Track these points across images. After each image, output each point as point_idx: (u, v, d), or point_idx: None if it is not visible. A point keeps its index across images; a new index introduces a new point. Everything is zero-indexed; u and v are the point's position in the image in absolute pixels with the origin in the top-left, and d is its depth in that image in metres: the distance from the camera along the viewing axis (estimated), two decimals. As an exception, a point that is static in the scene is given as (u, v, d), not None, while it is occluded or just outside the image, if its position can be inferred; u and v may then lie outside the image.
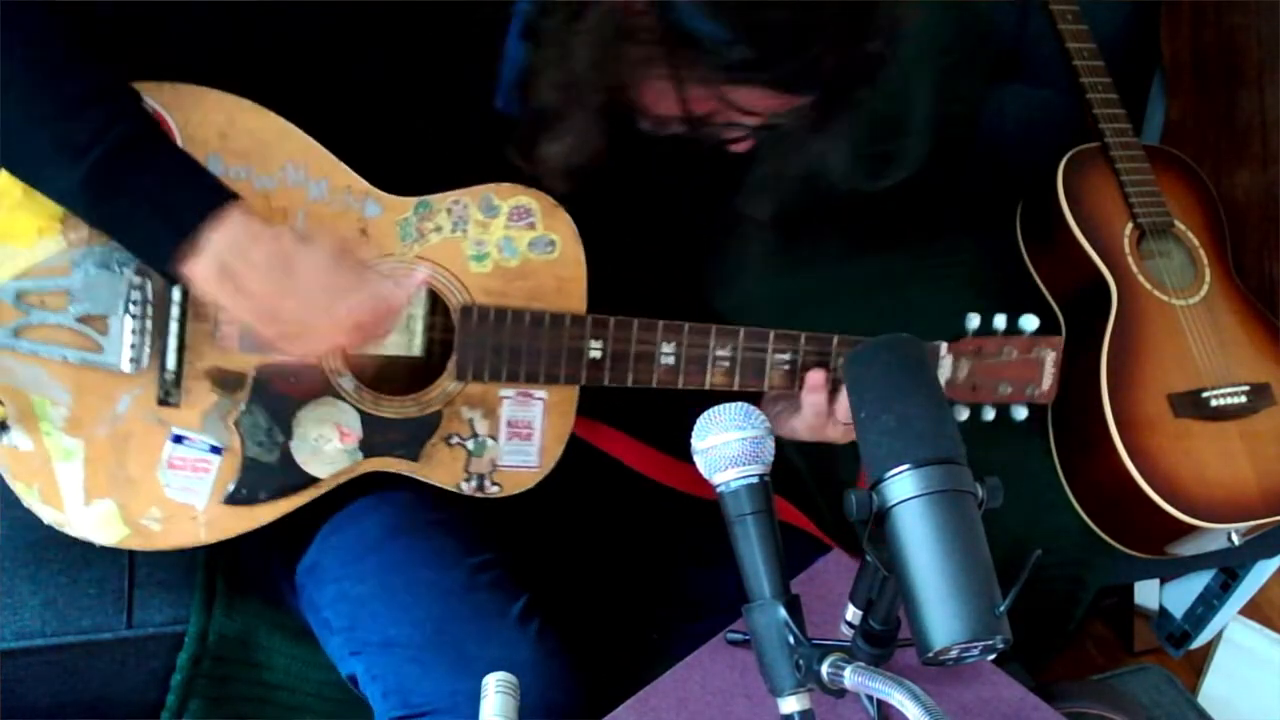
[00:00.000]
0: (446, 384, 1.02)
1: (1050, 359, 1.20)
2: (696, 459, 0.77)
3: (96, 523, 0.96)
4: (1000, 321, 1.16)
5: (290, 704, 1.15)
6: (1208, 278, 1.57)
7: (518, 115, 0.97)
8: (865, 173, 1.00)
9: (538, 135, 0.95)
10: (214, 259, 0.86)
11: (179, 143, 0.91)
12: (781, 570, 0.75)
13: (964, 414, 1.16)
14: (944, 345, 1.14)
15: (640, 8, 0.86)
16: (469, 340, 1.00)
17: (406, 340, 1.07)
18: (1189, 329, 1.52)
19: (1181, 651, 1.90)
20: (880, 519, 0.73)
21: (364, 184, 0.97)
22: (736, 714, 0.91)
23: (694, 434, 0.77)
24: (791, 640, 0.72)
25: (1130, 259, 1.53)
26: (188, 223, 0.85)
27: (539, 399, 1.05)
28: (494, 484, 1.06)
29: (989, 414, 1.18)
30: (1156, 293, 1.52)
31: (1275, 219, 1.68)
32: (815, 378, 1.07)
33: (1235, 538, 1.44)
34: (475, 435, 1.04)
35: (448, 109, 0.99)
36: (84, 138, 0.83)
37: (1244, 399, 1.49)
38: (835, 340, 1.08)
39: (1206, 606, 1.85)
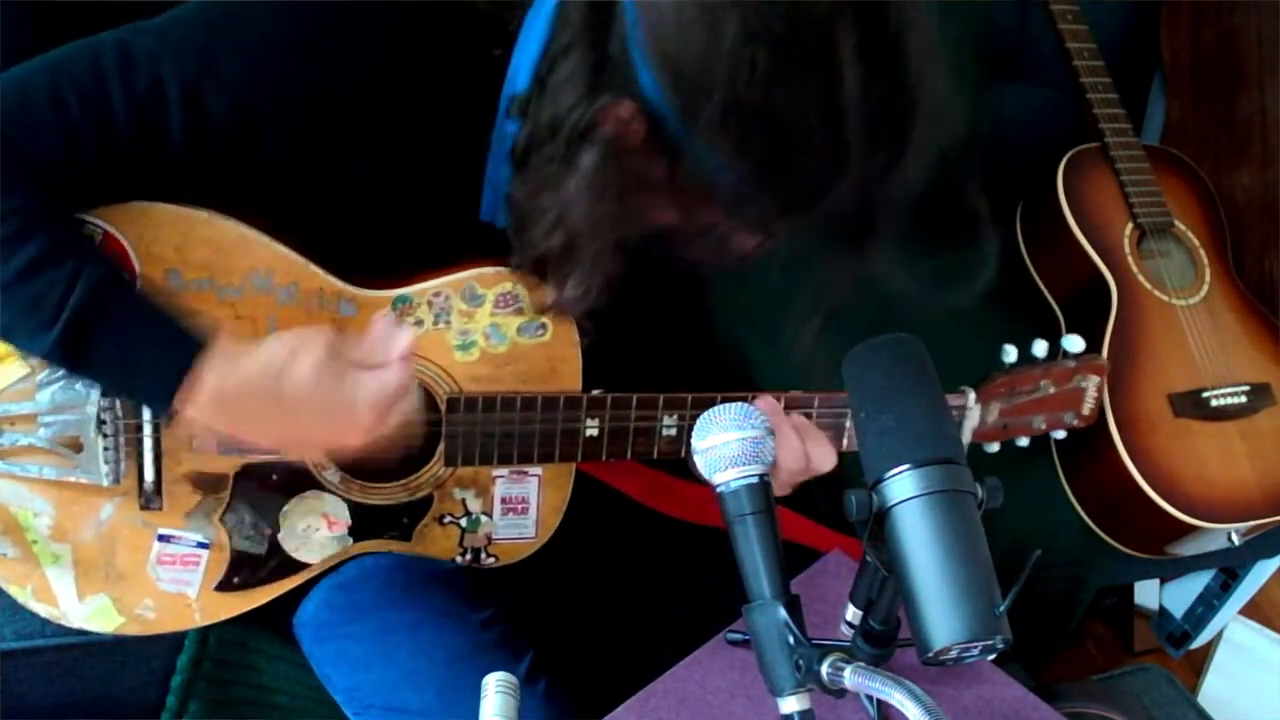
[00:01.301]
0: (436, 469, 1.00)
1: (1093, 384, 1.15)
2: (696, 459, 0.77)
3: (92, 616, 0.97)
4: (1040, 348, 1.09)
5: (290, 707, 1.15)
6: (1208, 278, 1.57)
7: (503, 227, 0.93)
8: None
9: (542, 274, 0.91)
10: (208, 401, 0.83)
11: (134, 263, 0.88)
12: (781, 570, 0.74)
13: (994, 447, 1.11)
14: (971, 395, 1.07)
15: (644, 152, 0.81)
16: (457, 429, 0.97)
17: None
18: (1189, 329, 1.52)
19: (1181, 651, 1.90)
20: (880, 519, 0.73)
21: (336, 284, 0.93)
22: (736, 714, 0.91)
23: (694, 434, 0.77)
24: (791, 640, 0.72)
25: (1130, 259, 1.53)
26: (173, 372, 0.83)
27: (534, 475, 1.03)
28: (489, 555, 1.05)
29: (1023, 441, 1.13)
30: (1156, 293, 1.52)
31: (1275, 219, 1.68)
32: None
33: (1235, 538, 1.44)
34: (468, 514, 1.03)
35: (429, 216, 0.94)
36: (50, 302, 0.81)
37: (1244, 399, 1.49)
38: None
39: (1206, 606, 1.85)
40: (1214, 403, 1.47)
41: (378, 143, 0.89)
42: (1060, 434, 1.16)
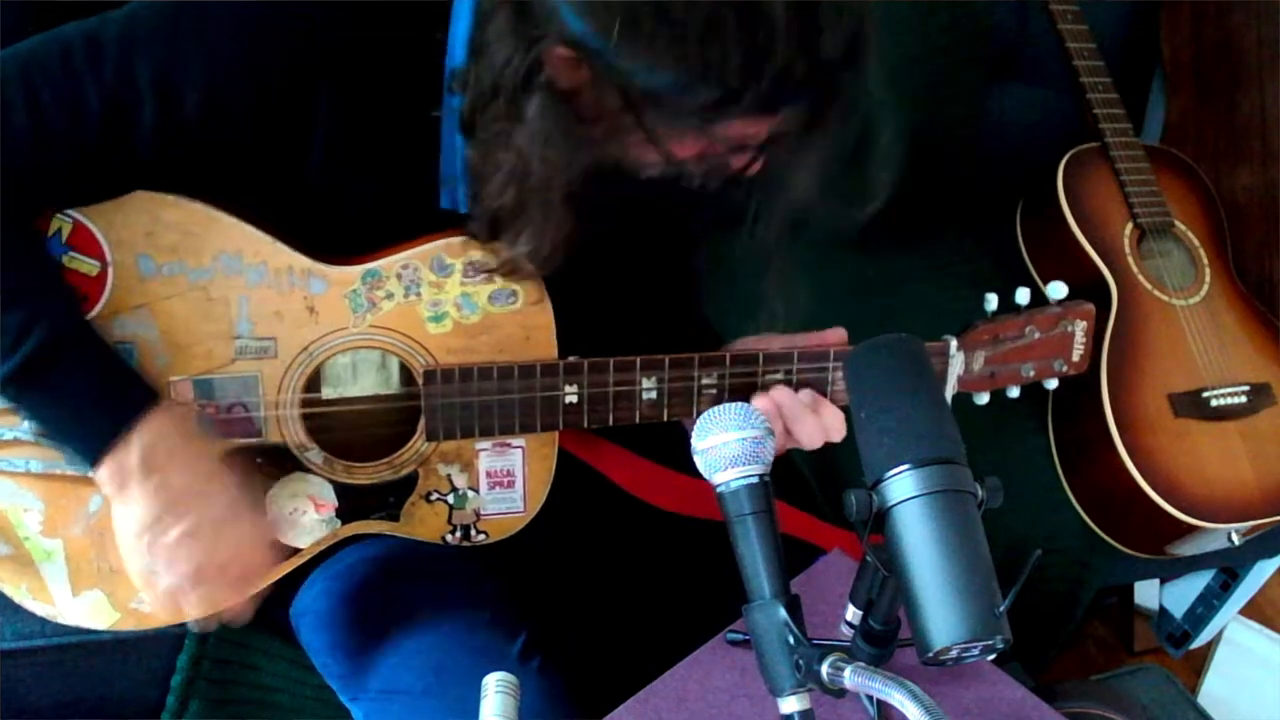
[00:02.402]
0: (418, 445, 1.00)
1: (1081, 329, 1.14)
2: (696, 459, 0.77)
3: (88, 612, 0.97)
4: (1023, 296, 1.09)
5: (289, 706, 1.15)
6: (1208, 277, 1.57)
7: (466, 212, 0.93)
8: (846, 204, 0.94)
9: (497, 234, 0.91)
10: (135, 457, 0.86)
11: (105, 251, 0.90)
12: (781, 570, 0.74)
13: (984, 398, 1.10)
14: (953, 341, 1.08)
15: (582, 87, 0.82)
16: (436, 402, 0.97)
17: (384, 379, 1.04)
18: (1189, 329, 1.52)
19: (1181, 651, 1.90)
20: (880, 519, 0.73)
21: (305, 260, 0.93)
22: (737, 714, 0.91)
23: (694, 434, 0.77)
24: (791, 640, 0.72)
25: (1130, 259, 1.53)
26: (109, 430, 0.85)
27: (517, 447, 1.03)
28: (479, 532, 1.04)
29: (1014, 391, 1.12)
30: (1156, 293, 1.52)
31: (1275, 219, 1.68)
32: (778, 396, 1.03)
33: (1235, 538, 1.44)
34: (455, 489, 1.02)
35: (389, 205, 0.95)
36: (3, 342, 0.82)
37: (1244, 399, 1.49)
38: (832, 354, 1.04)
39: (1206, 606, 1.85)
40: (1214, 403, 1.47)
41: (335, 131, 0.90)
42: (1053, 383, 1.14)
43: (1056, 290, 1.12)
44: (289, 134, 0.89)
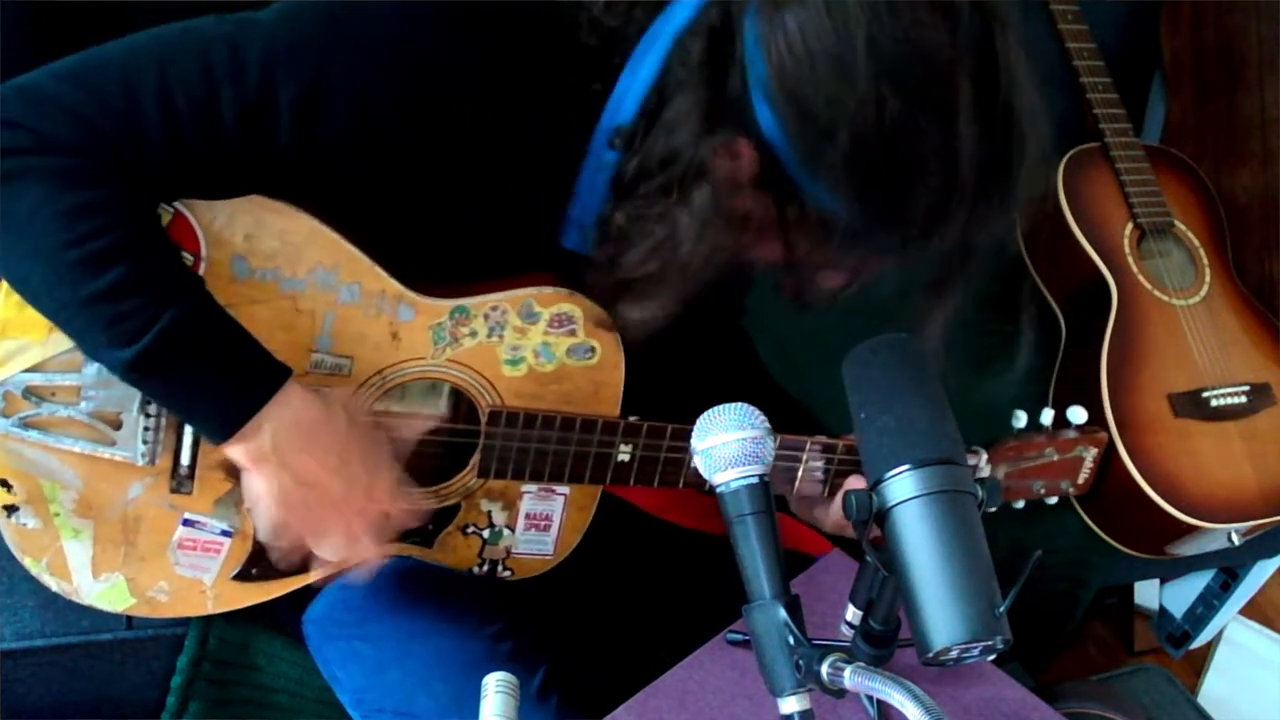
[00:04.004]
0: (468, 480, 1.00)
1: (1091, 455, 1.20)
2: (696, 459, 0.77)
3: (105, 593, 0.96)
4: (1047, 417, 1.15)
5: (290, 708, 1.15)
6: (1208, 278, 1.57)
7: (586, 254, 0.93)
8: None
9: (620, 294, 0.91)
10: (268, 441, 0.85)
11: (202, 245, 0.88)
12: (781, 570, 0.74)
13: (993, 508, 1.14)
14: (983, 454, 1.11)
15: (755, 189, 0.81)
16: (494, 442, 0.98)
17: (431, 403, 1.03)
18: (1189, 329, 1.52)
19: (1181, 651, 1.90)
20: (880, 519, 0.73)
21: (398, 287, 0.92)
22: (737, 714, 0.91)
23: (694, 434, 0.77)
24: (791, 640, 0.72)
25: (1130, 259, 1.53)
26: (242, 411, 0.84)
27: (561, 494, 1.03)
28: (506, 569, 1.05)
29: (1019, 504, 1.18)
30: (1156, 293, 1.52)
31: (1275, 219, 1.68)
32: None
33: (1235, 538, 1.44)
34: (492, 525, 1.03)
35: (508, 237, 0.94)
36: (132, 325, 0.80)
37: (1244, 399, 1.49)
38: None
39: (1206, 606, 1.85)
40: (1214, 403, 1.47)
41: (473, 163, 0.89)
42: (1053, 500, 1.20)
43: (1076, 415, 1.17)
44: (423, 161, 0.87)
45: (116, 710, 1.14)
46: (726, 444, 0.75)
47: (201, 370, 0.83)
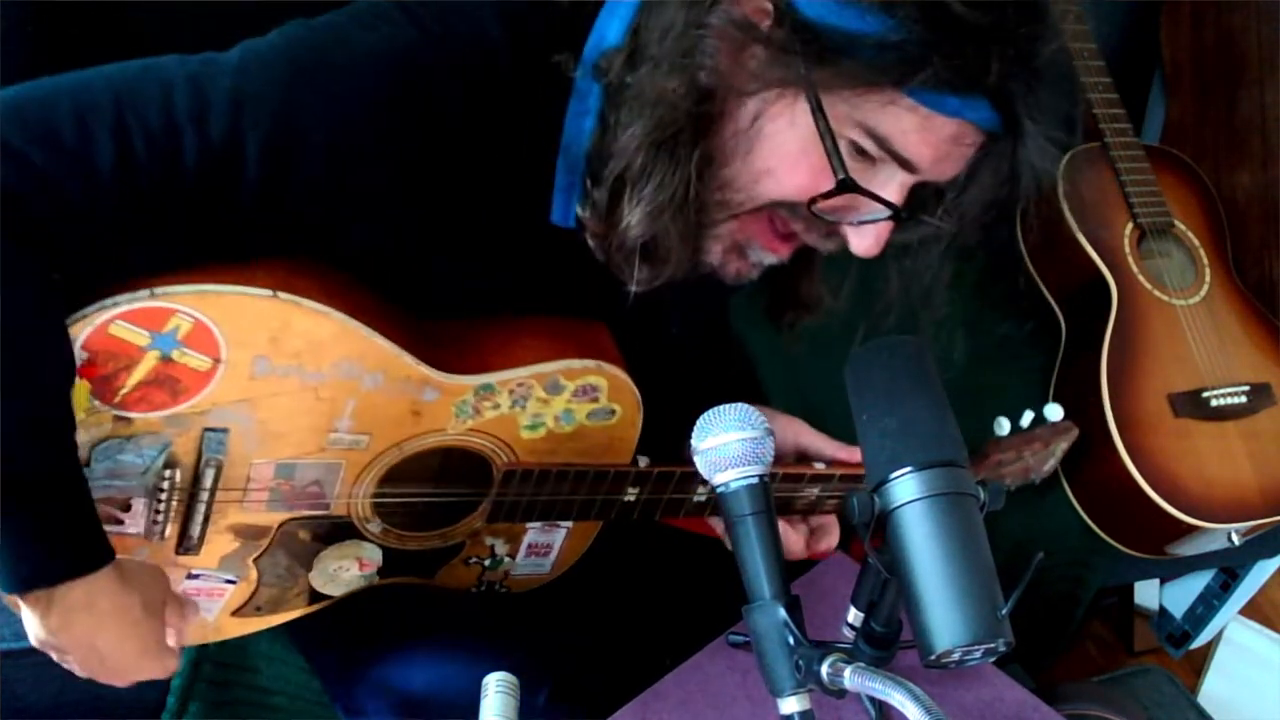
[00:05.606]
0: (475, 523, 0.99)
1: (1061, 449, 1.22)
2: (696, 459, 0.77)
3: None
4: (1026, 419, 1.16)
5: (289, 709, 1.15)
6: (1208, 277, 1.57)
7: (574, 226, 0.88)
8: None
9: (613, 210, 0.84)
10: (55, 616, 0.79)
11: (222, 350, 0.82)
12: (782, 571, 0.74)
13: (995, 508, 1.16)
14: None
15: (770, 46, 0.77)
16: (506, 498, 0.97)
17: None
18: (1189, 329, 1.52)
19: (1181, 651, 1.90)
20: (882, 521, 0.72)
21: (424, 371, 0.88)
22: (737, 715, 0.91)
23: (694, 434, 0.77)
24: (791, 641, 0.72)
25: (1130, 259, 1.53)
26: (39, 578, 0.77)
27: (564, 526, 1.04)
28: (503, 587, 1.06)
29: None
30: (1157, 292, 1.52)
31: (1275, 219, 1.68)
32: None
33: (1235, 538, 1.44)
34: (494, 556, 1.03)
35: (500, 228, 0.89)
36: None
37: (1244, 399, 1.49)
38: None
39: (1206, 606, 1.85)
40: (1214, 403, 1.47)
41: (454, 176, 0.85)
42: (1015, 487, 1.21)
43: (1053, 413, 1.17)
44: (401, 193, 0.83)
45: (116, 711, 1.14)
46: (727, 444, 0.75)
47: (23, 522, 0.76)
